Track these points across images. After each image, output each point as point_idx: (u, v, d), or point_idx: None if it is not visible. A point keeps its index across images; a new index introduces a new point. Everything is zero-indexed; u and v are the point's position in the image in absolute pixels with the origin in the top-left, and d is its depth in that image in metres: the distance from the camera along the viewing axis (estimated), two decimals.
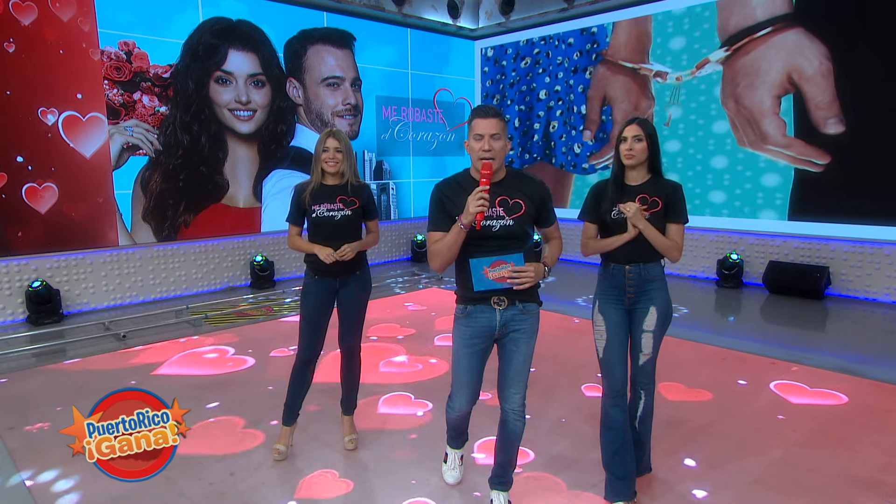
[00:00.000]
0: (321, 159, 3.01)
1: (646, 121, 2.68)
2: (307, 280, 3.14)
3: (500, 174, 2.39)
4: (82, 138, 6.24)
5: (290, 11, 7.83)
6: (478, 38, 10.18)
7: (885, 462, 3.10)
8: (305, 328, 3.11)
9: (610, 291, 2.70)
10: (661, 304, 2.67)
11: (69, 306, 6.27)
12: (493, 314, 2.41)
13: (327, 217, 3.02)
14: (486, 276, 2.31)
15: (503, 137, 2.33)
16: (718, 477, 2.98)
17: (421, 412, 3.78)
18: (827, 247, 6.73)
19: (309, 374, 3.19)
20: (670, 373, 4.28)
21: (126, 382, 4.27)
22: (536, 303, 2.48)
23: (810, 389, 4.06)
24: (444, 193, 2.40)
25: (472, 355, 2.48)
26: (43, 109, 5.96)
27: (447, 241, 2.32)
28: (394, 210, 9.43)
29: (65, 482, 2.98)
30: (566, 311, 6.12)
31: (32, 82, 5.87)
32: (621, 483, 2.69)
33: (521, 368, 2.47)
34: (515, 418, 2.52)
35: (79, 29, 6.11)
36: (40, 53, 5.89)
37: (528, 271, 2.30)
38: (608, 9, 8.39)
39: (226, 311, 6.37)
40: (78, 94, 6.16)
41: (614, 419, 2.68)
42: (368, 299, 3.25)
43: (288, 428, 3.22)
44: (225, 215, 7.43)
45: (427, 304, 6.63)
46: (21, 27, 5.76)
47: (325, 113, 8.35)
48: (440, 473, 2.99)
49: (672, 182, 2.70)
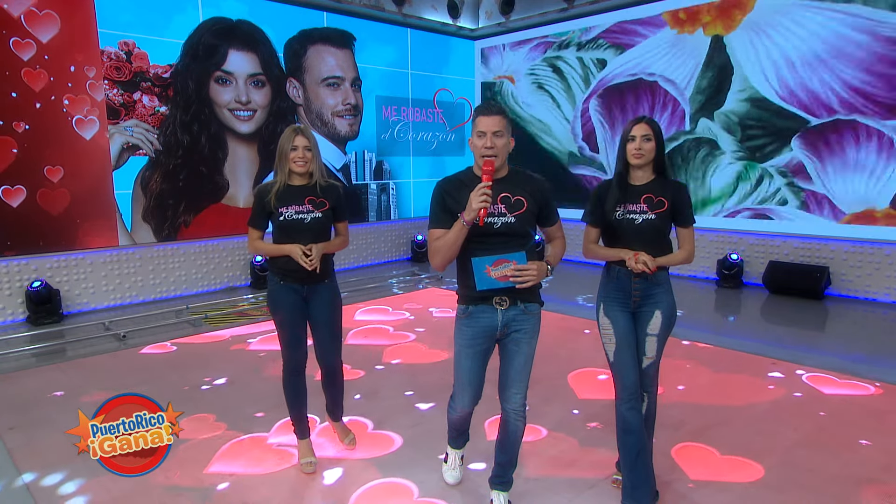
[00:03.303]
0: (289, 158, 2.82)
1: (653, 120, 2.66)
2: (272, 286, 2.93)
3: (503, 171, 2.39)
4: None
5: (290, 11, 7.83)
6: (478, 38, 10.18)
7: (885, 462, 3.11)
8: (285, 335, 2.92)
9: (614, 294, 2.66)
10: (666, 308, 2.63)
11: (69, 306, 6.27)
12: (494, 314, 2.41)
13: (296, 220, 2.83)
14: (488, 276, 2.30)
15: (506, 135, 2.33)
16: (718, 477, 2.98)
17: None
18: (827, 247, 6.74)
19: (302, 382, 3.03)
20: (671, 373, 4.28)
21: (125, 382, 4.28)
22: (538, 303, 2.48)
23: (829, 389, 4.05)
24: (446, 191, 2.40)
25: (473, 356, 2.48)
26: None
27: (448, 238, 2.32)
28: (394, 210, 9.43)
29: (65, 482, 2.98)
30: (567, 311, 6.12)
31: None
32: (643, 488, 2.58)
33: (523, 368, 2.46)
34: (516, 418, 2.52)
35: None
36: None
37: (531, 270, 2.29)
38: (608, 9, 8.38)
39: (226, 311, 6.37)
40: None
41: (631, 422, 2.58)
42: (342, 309, 3.08)
43: (306, 440, 3.11)
44: (225, 215, 7.43)
45: (426, 303, 6.63)
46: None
47: (325, 113, 8.35)
48: (439, 473, 2.99)
49: (677, 182, 2.66)
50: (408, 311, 6.27)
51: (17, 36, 5.77)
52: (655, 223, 2.59)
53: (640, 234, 2.60)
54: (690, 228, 2.65)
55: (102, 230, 6.47)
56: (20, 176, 5.90)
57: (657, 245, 2.61)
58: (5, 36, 5.70)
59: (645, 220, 2.59)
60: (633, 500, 2.59)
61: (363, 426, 3.58)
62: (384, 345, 5.15)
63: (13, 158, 5.84)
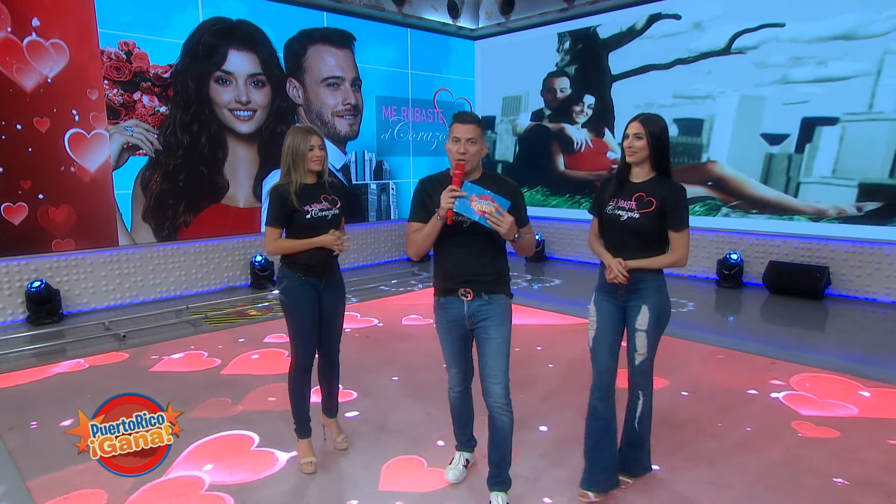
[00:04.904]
0: (307, 158, 2.88)
1: (651, 119, 2.63)
2: (292, 283, 2.95)
3: (476, 174, 2.55)
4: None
5: (290, 11, 7.83)
6: (478, 38, 10.18)
7: (885, 462, 3.10)
8: (302, 333, 2.97)
9: (605, 286, 2.75)
10: (654, 304, 2.64)
11: (69, 306, 6.27)
12: (461, 305, 2.57)
13: (320, 217, 2.92)
14: (470, 204, 2.38)
15: (479, 142, 2.50)
16: (718, 477, 2.98)
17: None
18: (827, 247, 6.73)
19: (309, 381, 3.08)
20: (670, 373, 4.28)
21: (124, 382, 4.28)
22: (505, 294, 2.60)
23: (819, 400, 4.03)
24: (425, 189, 2.59)
25: (452, 340, 2.66)
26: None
27: (424, 231, 2.51)
28: (394, 210, 9.42)
29: (66, 482, 2.98)
30: (567, 311, 6.11)
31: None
32: (600, 473, 2.73)
33: (496, 355, 2.54)
34: (501, 412, 2.56)
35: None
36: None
37: (506, 220, 2.37)
38: (608, 9, 8.38)
39: (226, 311, 6.37)
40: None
41: (599, 410, 2.73)
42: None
43: (307, 440, 3.13)
44: (225, 215, 7.43)
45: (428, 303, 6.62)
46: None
47: (325, 113, 8.35)
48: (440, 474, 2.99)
49: (673, 184, 2.63)
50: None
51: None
52: (639, 222, 2.60)
53: (622, 232, 2.65)
54: (682, 232, 2.61)
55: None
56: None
57: (640, 245, 2.62)
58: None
59: (630, 218, 2.62)
60: (589, 483, 2.75)
61: (362, 426, 3.59)
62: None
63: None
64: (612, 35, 7.98)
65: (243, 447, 3.34)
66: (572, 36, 8.57)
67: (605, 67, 8.24)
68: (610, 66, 8.24)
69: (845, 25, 6.21)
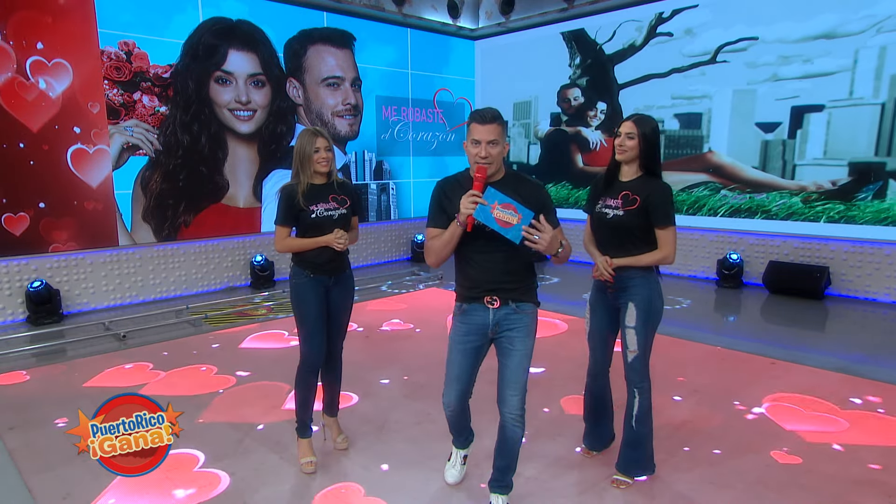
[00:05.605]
0: (313, 160, 2.94)
1: (644, 119, 2.66)
2: (300, 280, 3.01)
3: (499, 175, 2.39)
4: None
5: (290, 11, 7.83)
6: (478, 38, 10.18)
7: (885, 462, 3.11)
8: (312, 330, 3.00)
9: (599, 285, 2.84)
10: (641, 301, 2.68)
11: (69, 306, 6.27)
12: (486, 313, 2.43)
13: (326, 217, 2.97)
14: (491, 211, 2.22)
15: (501, 142, 2.32)
16: (718, 477, 2.98)
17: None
18: (827, 247, 6.73)
19: (315, 383, 3.10)
20: (670, 372, 4.28)
21: None
22: (532, 303, 2.48)
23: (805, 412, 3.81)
24: (444, 192, 2.43)
25: (464, 351, 2.50)
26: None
27: (444, 237, 2.36)
28: (394, 210, 9.43)
29: (66, 482, 2.98)
30: (567, 311, 6.11)
31: None
32: (597, 438, 3.14)
33: (517, 368, 2.44)
34: (514, 424, 2.49)
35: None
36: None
37: (545, 234, 2.19)
38: (608, 9, 8.39)
39: (226, 311, 6.37)
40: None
41: (592, 388, 3.05)
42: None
43: (308, 440, 3.13)
44: (225, 215, 7.43)
45: (427, 303, 6.63)
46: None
47: (325, 113, 8.35)
48: (440, 474, 2.99)
49: (658, 183, 2.68)
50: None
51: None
52: (623, 220, 2.65)
53: (608, 230, 2.72)
54: (667, 230, 2.65)
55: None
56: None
57: (626, 242, 2.68)
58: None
59: (615, 216, 2.68)
60: (588, 444, 3.17)
61: (364, 425, 3.58)
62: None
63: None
64: (616, 51, 8.64)
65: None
66: (581, 52, 9.11)
67: (612, 78, 8.80)
68: (616, 76, 8.76)
69: (826, 25, 6.70)
